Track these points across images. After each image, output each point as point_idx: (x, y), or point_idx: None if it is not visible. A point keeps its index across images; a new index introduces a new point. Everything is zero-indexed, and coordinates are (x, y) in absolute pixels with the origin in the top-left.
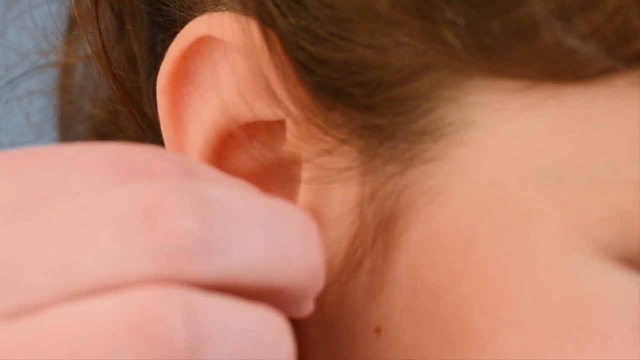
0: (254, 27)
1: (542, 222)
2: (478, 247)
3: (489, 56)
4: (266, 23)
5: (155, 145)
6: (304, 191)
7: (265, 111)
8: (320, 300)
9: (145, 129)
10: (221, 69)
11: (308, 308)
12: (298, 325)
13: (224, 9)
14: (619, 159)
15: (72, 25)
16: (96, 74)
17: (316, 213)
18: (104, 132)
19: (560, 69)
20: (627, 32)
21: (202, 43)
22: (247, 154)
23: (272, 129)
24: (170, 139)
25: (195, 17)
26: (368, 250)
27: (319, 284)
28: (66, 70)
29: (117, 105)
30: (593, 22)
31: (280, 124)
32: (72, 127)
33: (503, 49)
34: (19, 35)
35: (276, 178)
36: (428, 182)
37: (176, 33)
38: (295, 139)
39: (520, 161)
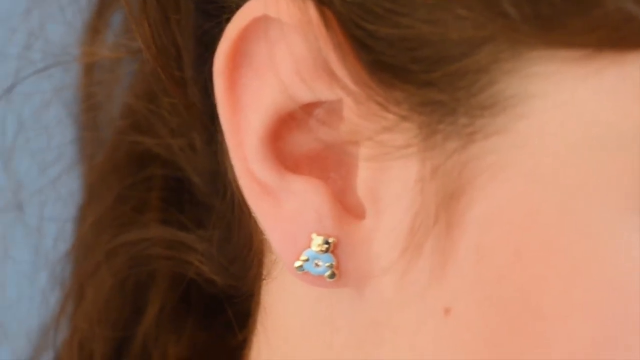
0: (310, 6)
1: (606, 192)
2: (543, 223)
3: (548, 26)
4: (322, 2)
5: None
6: (363, 169)
7: (324, 91)
8: (384, 280)
9: (190, 121)
10: (278, 49)
11: None
12: (361, 305)
13: None
14: None
15: (99, 18)
16: (138, 66)
17: (375, 192)
18: (143, 125)
19: (621, 36)
20: None
21: (259, 23)
22: (305, 134)
23: (330, 109)
24: (227, 120)
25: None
26: (430, 228)
27: None
28: (92, 66)
29: (161, 97)
30: None
31: (339, 103)
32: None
33: (562, 18)
34: (56, 30)
35: (333, 159)
36: (490, 157)
37: (227, 19)
38: (356, 117)
39: (582, 131)
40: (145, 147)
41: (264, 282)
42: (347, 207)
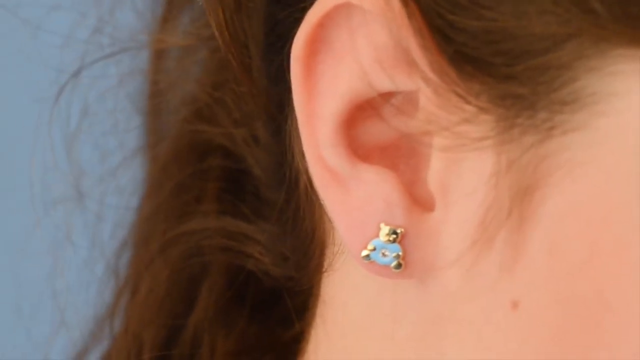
0: None
1: None
2: (618, 221)
3: (634, 24)
4: None
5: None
6: (438, 160)
7: (405, 80)
8: (450, 273)
9: (255, 111)
10: (359, 37)
11: None
12: (425, 297)
13: None
14: None
15: (171, 7)
16: (205, 56)
17: (446, 183)
18: (207, 114)
19: None
20: None
21: (340, 10)
22: (379, 123)
23: (407, 99)
24: (302, 106)
25: None
26: (503, 222)
27: None
28: (160, 54)
29: (226, 86)
30: None
31: (414, 93)
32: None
33: None
34: (126, 16)
35: (403, 150)
36: (567, 153)
37: (303, 8)
38: (434, 107)
39: None
40: (207, 137)
41: (325, 274)
42: (416, 198)
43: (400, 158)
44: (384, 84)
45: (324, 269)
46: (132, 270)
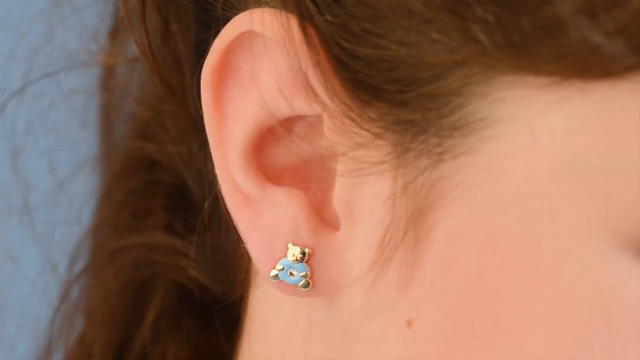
0: (293, 22)
1: (570, 215)
2: (506, 242)
3: (518, 53)
4: (305, 19)
5: (198, 145)
6: (339, 184)
7: (303, 106)
8: (355, 291)
9: (189, 128)
10: (261, 64)
11: None
12: (333, 314)
13: (265, 5)
14: None
15: (118, 25)
16: (141, 74)
17: (350, 205)
18: (146, 132)
19: (587, 66)
20: None
21: (244, 38)
22: (286, 148)
23: (310, 124)
24: (212, 131)
25: (238, 14)
26: (399, 243)
27: None
28: (109, 70)
29: (162, 105)
30: (619, 19)
31: (318, 118)
32: (113, 127)
33: (532, 46)
34: (66, 35)
35: (313, 172)
36: (458, 176)
37: (220, 31)
38: (332, 133)
39: (549, 155)
40: (149, 154)
41: (251, 288)
42: (325, 218)
43: (311, 179)
44: (285, 110)
45: (249, 284)
46: (83, 282)
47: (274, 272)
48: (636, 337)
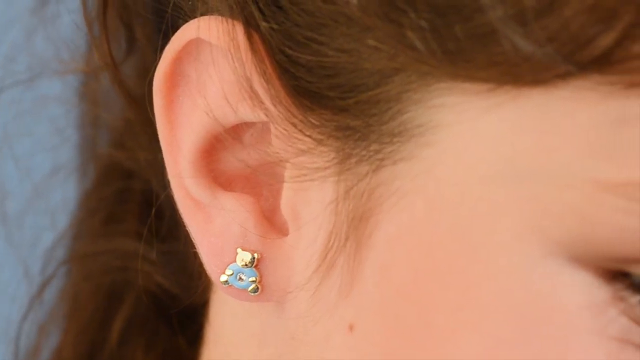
0: (239, 30)
1: (501, 221)
2: (439, 248)
3: (452, 60)
4: (250, 26)
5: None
6: (286, 190)
7: (249, 113)
8: (300, 296)
9: (155, 135)
10: (208, 71)
11: None
12: (282, 319)
13: (213, 12)
14: (574, 158)
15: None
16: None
17: (296, 211)
18: (120, 139)
19: (519, 73)
20: (582, 38)
21: (192, 45)
22: (235, 155)
23: (259, 132)
24: (164, 137)
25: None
26: (341, 248)
27: None
28: (87, 79)
29: (128, 112)
30: (550, 28)
31: (266, 126)
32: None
33: (466, 53)
34: (44, 43)
35: (264, 178)
36: (396, 182)
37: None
38: (277, 140)
39: (481, 161)
40: (122, 161)
41: (211, 295)
42: (276, 224)
43: (262, 185)
44: (231, 118)
45: (211, 291)
46: (59, 289)
47: (223, 277)
48: (564, 343)
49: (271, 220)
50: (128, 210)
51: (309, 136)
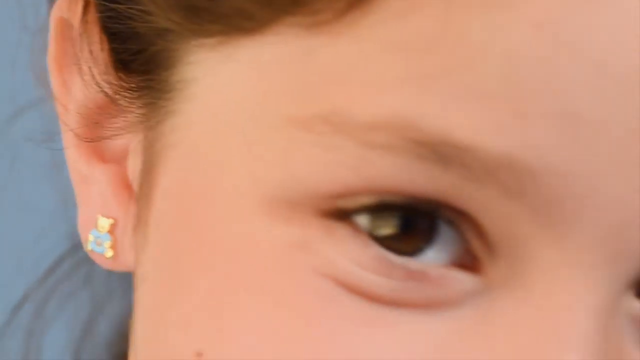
0: (80, 7)
1: (230, 172)
2: (189, 197)
3: (188, 16)
4: (87, 3)
5: None
6: (131, 155)
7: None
8: (130, 258)
9: None
10: (70, 49)
11: None
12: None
13: None
14: (275, 99)
15: None
16: None
17: (133, 176)
18: None
19: (237, 24)
20: None
21: (60, 24)
22: (104, 127)
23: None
24: (60, 115)
25: None
26: (141, 204)
27: None
28: None
29: None
30: None
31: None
32: None
33: (197, 9)
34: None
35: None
36: (170, 136)
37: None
38: (114, 108)
39: (220, 112)
40: None
41: None
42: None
43: (127, 156)
44: (96, 95)
45: None
46: None
47: (89, 245)
48: (281, 281)
49: (132, 188)
50: None
51: (122, 96)
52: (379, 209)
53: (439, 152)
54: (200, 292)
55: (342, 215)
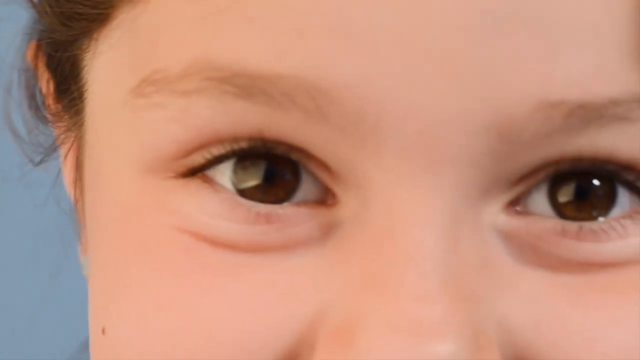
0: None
1: (112, 151)
2: (93, 182)
3: (63, 21)
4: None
5: None
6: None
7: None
8: None
9: None
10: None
11: None
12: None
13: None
14: (123, 74)
15: None
16: None
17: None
18: None
19: (86, 20)
20: None
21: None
22: None
23: None
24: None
25: None
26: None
27: None
28: None
29: None
30: None
31: None
32: None
33: (64, 14)
34: None
35: None
36: (85, 136)
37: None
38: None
39: (100, 102)
40: None
41: None
42: None
43: None
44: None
45: None
46: None
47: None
48: (152, 256)
49: None
50: None
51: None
52: (238, 162)
53: (239, 85)
54: (99, 270)
55: (197, 172)
